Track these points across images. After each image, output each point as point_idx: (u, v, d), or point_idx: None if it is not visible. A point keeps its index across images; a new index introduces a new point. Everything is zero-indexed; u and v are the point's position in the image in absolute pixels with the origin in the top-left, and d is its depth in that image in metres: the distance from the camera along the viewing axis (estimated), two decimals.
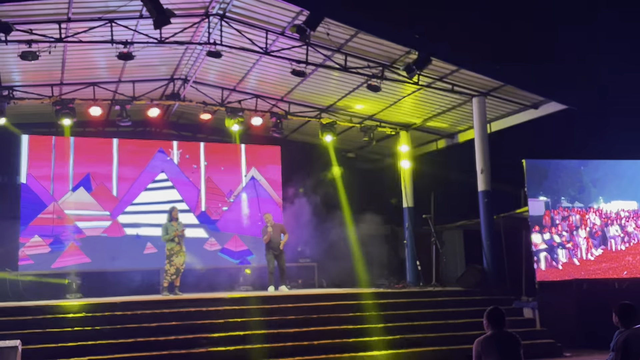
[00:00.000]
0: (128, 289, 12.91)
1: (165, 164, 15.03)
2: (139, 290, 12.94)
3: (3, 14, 9.45)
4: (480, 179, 12.77)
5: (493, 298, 11.25)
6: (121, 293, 12.37)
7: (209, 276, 13.94)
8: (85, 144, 14.49)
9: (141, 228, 14.48)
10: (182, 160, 15.21)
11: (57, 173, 14.11)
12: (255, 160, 15.99)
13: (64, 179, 14.16)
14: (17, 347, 7.17)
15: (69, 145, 14.28)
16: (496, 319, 5.26)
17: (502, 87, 12.69)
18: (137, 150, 14.91)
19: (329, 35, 10.90)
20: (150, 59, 12.60)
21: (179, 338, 8.90)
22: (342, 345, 9.23)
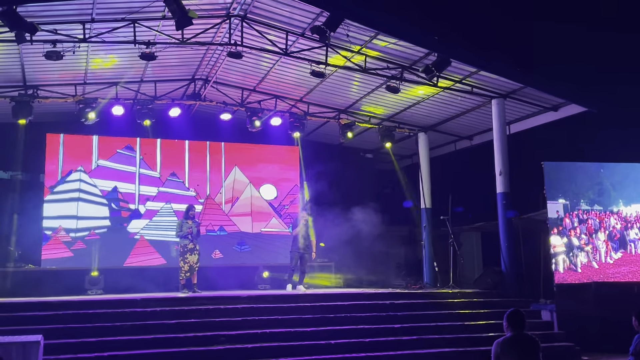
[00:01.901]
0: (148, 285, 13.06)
1: None
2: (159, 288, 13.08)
3: (29, 15, 9.62)
4: (499, 180, 12.75)
5: (510, 300, 11.22)
6: (141, 290, 12.52)
7: (227, 274, 14.05)
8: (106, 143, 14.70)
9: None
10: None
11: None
12: (274, 159, 16.10)
13: None
14: (39, 342, 7.28)
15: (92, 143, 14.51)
16: (516, 321, 5.28)
17: (521, 89, 12.65)
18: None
19: (349, 36, 10.96)
20: (171, 59, 12.75)
21: (198, 335, 8.99)
22: (358, 345, 9.26)
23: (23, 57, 11.40)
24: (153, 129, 14.19)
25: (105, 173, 14.49)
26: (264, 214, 15.70)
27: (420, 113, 14.89)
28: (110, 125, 14.01)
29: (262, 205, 15.74)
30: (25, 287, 12.32)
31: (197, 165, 15.36)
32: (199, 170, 15.37)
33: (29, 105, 12.44)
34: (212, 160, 15.56)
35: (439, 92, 13.30)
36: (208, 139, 15.56)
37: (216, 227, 15.09)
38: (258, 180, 15.87)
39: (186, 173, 15.23)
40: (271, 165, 16.08)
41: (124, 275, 13.42)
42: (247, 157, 15.88)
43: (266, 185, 15.90)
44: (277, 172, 16.11)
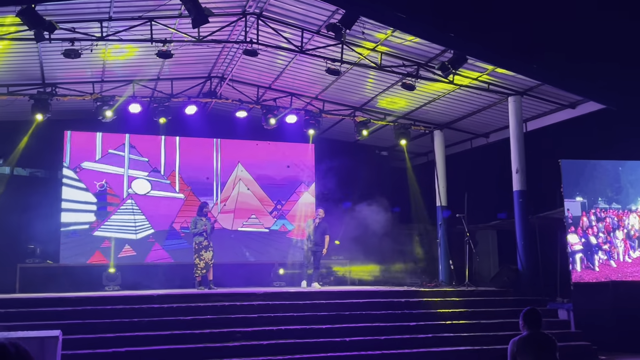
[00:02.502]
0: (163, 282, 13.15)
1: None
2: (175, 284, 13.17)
3: (47, 13, 9.72)
4: (516, 178, 12.68)
5: (527, 299, 11.16)
6: (157, 286, 12.62)
7: (243, 271, 14.12)
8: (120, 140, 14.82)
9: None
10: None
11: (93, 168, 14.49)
12: (290, 157, 16.13)
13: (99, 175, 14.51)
14: (57, 337, 7.36)
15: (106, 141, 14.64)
16: (533, 320, 5.25)
17: (538, 87, 12.56)
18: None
19: (364, 33, 10.95)
20: (188, 57, 12.82)
21: (214, 331, 9.05)
22: (374, 343, 9.27)
23: (42, 55, 11.53)
24: (169, 127, 14.28)
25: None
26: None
27: (436, 110, 14.84)
28: (128, 122, 14.13)
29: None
30: (44, 283, 12.47)
31: (201, 161, 15.42)
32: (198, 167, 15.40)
33: (48, 103, 12.57)
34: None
35: (455, 90, 13.24)
36: (223, 136, 15.62)
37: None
38: (264, 177, 15.88)
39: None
40: (281, 162, 16.07)
41: (141, 271, 13.53)
42: (256, 154, 15.87)
43: (267, 183, 15.88)
44: (286, 170, 16.09)
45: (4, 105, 12.77)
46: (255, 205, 15.58)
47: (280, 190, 15.92)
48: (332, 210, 15.19)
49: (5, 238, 13.26)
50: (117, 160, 14.60)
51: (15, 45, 10.92)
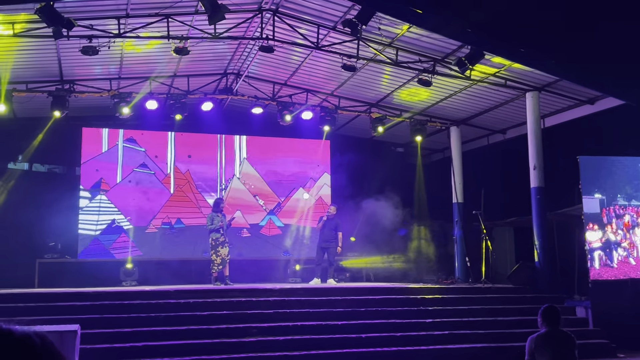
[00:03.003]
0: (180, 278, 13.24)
1: None
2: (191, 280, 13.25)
3: (65, 10, 9.79)
4: (533, 175, 12.57)
5: (544, 296, 11.09)
6: (174, 282, 12.69)
7: (259, 267, 14.16)
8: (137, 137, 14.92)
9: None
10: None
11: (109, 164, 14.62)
12: (305, 153, 16.15)
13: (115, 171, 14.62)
14: (76, 332, 7.44)
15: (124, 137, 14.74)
16: (551, 317, 5.20)
17: (557, 82, 12.44)
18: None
19: (380, 29, 10.91)
20: (204, 54, 12.86)
21: (230, 327, 9.10)
22: (390, 339, 9.26)
23: (60, 53, 11.62)
24: (186, 123, 14.35)
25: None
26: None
27: (453, 106, 14.76)
28: (145, 119, 14.23)
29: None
30: (62, 278, 12.61)
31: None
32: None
33: (66, 100, 12.68)
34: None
35: (471, 86, 13.16)
36: (239, 133, 15.67)
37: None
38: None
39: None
40: (294, 159, 16.06)
41: (158, 267, 13.63)
42: (269, 150, 15.90)
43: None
44: (298, 166, 16.09)
45: (23, 102, 12.89)
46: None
47: (288, 186, 15.91)
48: (347, 207, 15.18)
49: (24, 233, 13.40)
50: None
51: (34, 43, 11.02)
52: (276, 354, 8.52)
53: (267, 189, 15.77)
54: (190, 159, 15.20)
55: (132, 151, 14.83)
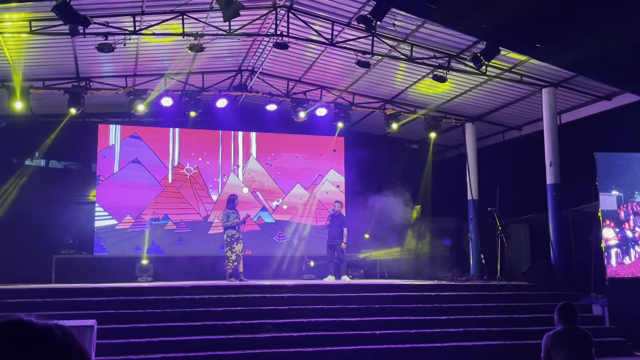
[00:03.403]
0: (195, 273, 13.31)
1: None
2: (206, 276, 13.32)
3: (82, 8, 9.86)
4: (549, 172, 12.48)
5: (560, 294, 10.99)
6: (189, 278, 12.76)
7: (273, 264, 14.20)
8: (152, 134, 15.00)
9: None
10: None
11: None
12: (319, 150, 16.15)
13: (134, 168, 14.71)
14: (93, 327, 7.51)
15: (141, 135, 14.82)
16: (568, 315, 5.17)
17: (573, 78, 12.32)
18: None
19: (395, 25, 10.87)
20: (219, 50, 12.89)
21: (245, 323, 9.13)
22: (404, 336, 9.25)
23: (76, 50, 11.70)
24: (200, 120, 14.41)
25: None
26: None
27: (468, 103, 14.68)
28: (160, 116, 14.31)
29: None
30: (79, 273, 12.73)
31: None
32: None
33: (82, 97, 12.77)
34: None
35: (487, 82, 13.07)
36: (253, 129, 15.70)
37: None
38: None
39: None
40: (305, 155, 16.06)
41: (173, 263, 13.71)
42: (282, 146, 15.91)
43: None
44: (308, 163, 16.08)
45: (40, 99, 13.02)
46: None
47: (294, 183, 15.90)
48: (361, 204, 15.18)
49: (41, 229, 13.55)
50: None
51: (51, 40, 11.11)
52: (290, 350, 8.54)
53: (272, 185, 15.71)
54: (196, 156, 15.20)
55: (137, 147, 14.86)
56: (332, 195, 15.69)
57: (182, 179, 15.01)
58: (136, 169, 14.67)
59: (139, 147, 14.78)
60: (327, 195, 15.92)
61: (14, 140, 14.24)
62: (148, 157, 14.80)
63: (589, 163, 11.56)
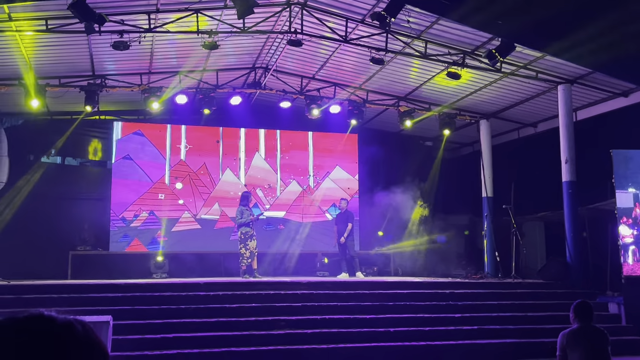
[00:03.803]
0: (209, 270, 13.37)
1: None
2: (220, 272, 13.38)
3: (97, 6, 9.92)
4: (565, 169, 12.39)
5: (576, 292, 10.92)
6: (203, 274, 12.83)
7: (287, 261, 14.23)
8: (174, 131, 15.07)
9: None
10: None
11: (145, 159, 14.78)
12: (333, 148, 16.15)
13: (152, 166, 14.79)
14: (108, 322, 7.57)
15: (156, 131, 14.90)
16: (584, 313, 5.13)
17: (589, 74, 12.21)
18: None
19: (409, 22, 10.82)
20: (233, 48, 12.92)
21: (259, 319, 9.15)
22: (418, 334, 9.23)
23: (92, 48, 11.78)
24: (214, 117, 14.44)
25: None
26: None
27: (482, 100, 14.59)
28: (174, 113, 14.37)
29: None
30: (95, 269, 12.84)
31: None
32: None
33: (97, 94, 12.86)
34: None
35: (502, 78, 12.99)
36: (267, 126, 15.73)
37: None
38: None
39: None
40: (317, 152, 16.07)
41: (188, 260, 13.79)
42: (293, 144, 15.91)
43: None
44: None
45: (56, 96, 13.12)
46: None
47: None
48: (375, 200, 15.16)
49: (57, 226, 13.67)
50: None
51: (66, 38, 11.19)
52: (304, 347, 8.56)
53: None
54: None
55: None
56: (338, 192, 15.72)
57: (182, 175, 15.04)
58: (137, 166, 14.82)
59: (144, 144, 14.89)
60: (335, 191, 15.91)
61: (31, 137, 14.38)
62: (151, 154, 14.90)
63: (605, 160, 11.45)
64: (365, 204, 15.75)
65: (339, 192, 15.91)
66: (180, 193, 14.94)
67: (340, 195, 15.35)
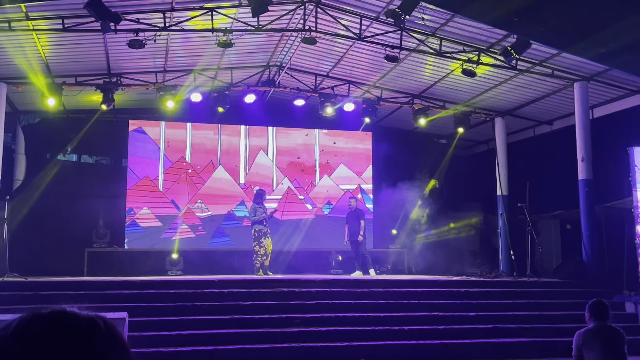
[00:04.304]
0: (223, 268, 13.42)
1: None
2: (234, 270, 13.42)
3: (113, 5, 9.99)
4: (581, 167, 12.29)
5: (592, 291, 10.81)
6: (217, 272, 12.88)
7: (301, 258, 14.24)
8: None
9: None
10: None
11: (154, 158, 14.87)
12: (346, 145, 16.14)
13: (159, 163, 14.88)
14: (124, 319, 7.62)
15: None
16: (600, 312, 5.08)
17: (606, 72, 12.09)
18: None
19: (424, 19, 10.78)
20: (247, 46, 12.94)
21: (273, 317, 9.17)
22: (432, 332, 9.20)
23: (107, 46, 11.86)
24: (229, 116, 14.48)
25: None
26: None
27: (498, 97, 14.50)
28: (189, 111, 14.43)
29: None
30: (110, 266, 12.94)
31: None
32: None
33: (113, 93, 12.94)
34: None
35: (517, 76, 12.90)
36: (281, 124, 15.74)
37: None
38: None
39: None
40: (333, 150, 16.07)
41: (202, 257, 13.85)
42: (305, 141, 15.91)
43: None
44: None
45: (73, 95, 13.23)
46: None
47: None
48: (388, 199, 15.12)
49: (74, 223, 13.80)
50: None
51: (83, 37, 11.27)
52: (319, 345, 8.57)
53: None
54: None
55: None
56: (336, 191, 15.72)
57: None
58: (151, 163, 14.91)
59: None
60: (335, 190, 15.92)
61: (47, 135, 14.53)
62: (154, 152, 14.98)
63: (622, 158, 11.34)
64: (379, 201, 15.71)
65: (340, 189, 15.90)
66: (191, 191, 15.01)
67: (337, 194, 15.43)
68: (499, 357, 8.87)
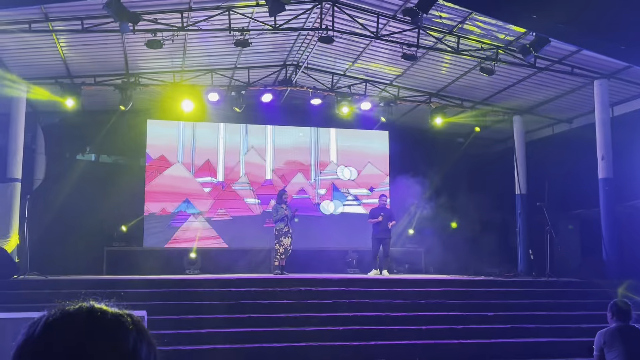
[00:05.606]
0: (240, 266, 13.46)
1: None
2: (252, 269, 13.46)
3: (131, 5, 10.05)
4: (601, 165, 12.15)
5: (612, 291, 10.68)
6: (235, 270, 12.91)
7: (317, 258, 14.23)
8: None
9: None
10: None
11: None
12: (361, 144, 16.11)
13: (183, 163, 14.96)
14: (143, 317, 7.66)
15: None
16: (622, 312, 5.03)
17: (627, 69, 11.94)
18: None
19: (441, 17, 10.72)
20: (264, 45, 12.96)
21: (290, 316, 9.18)
22: (450, 332, 9.16)
23: (126, 46, 11.94)
24: (245, 115, 14.51)
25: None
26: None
27: (516, 95, 14.38)
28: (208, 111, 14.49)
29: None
30: (129, 265, 13.03)
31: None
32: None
33: (131, 92, 13.03)
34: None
35: (536, 73, 12.78)
36: (298, 124, 15.74)
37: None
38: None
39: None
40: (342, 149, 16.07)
41: (220, 255, 13.90)
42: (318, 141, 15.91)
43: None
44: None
45: (91, 95, 13.34)
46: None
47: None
48: (405, 198, 15.06)
49: (93, 222, 13.90)
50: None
51: (101, 37, 11.36)
52: (336, 344, 8.56)
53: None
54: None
55: (177, 141, 15.09)
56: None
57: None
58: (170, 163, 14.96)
59: (177, 141, 15.04)
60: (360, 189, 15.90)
61: (67, 135, 14.66)
62: (184, 151, 15.02)
63: None
64: (395, 200, 15.64)
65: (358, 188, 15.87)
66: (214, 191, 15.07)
67: (355, 193, 15.42)
68: (517, 357, 8.80)
